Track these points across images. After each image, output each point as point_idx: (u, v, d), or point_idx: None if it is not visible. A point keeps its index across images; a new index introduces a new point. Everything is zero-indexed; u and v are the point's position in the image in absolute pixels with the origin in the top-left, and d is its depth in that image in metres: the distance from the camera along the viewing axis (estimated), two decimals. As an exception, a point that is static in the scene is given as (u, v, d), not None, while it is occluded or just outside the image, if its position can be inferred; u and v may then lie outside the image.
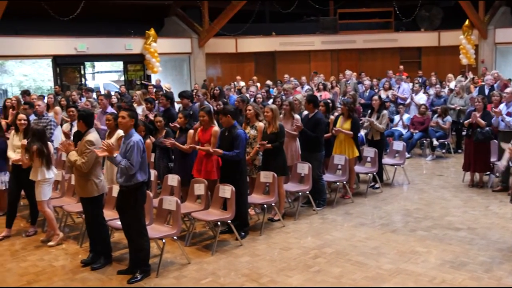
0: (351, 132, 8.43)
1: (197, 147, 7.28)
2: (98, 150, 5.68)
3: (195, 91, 13.08)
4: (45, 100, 11.23)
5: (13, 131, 7.53)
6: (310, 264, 6.01)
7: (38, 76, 25.14)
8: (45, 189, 6.91)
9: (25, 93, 12.65)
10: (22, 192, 7.57)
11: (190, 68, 21.06)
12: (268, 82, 16.48)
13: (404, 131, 12.23)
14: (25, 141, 6.89)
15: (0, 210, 8.34)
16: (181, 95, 9.52)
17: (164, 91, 13.77)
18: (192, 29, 21.02)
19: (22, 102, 10.88)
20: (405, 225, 7.29)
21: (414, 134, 11.90)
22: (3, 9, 14.19)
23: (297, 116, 8.34)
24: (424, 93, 13.82)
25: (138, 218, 5.70)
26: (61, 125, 9.84)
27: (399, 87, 14.06)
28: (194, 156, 7.55)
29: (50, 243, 6.94)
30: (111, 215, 6.47)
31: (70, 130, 8.59)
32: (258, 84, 16.70)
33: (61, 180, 7.92)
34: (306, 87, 14.80)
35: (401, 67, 18.39)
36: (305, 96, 9.33)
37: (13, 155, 7.27)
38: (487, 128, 8.78)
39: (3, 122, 9.06)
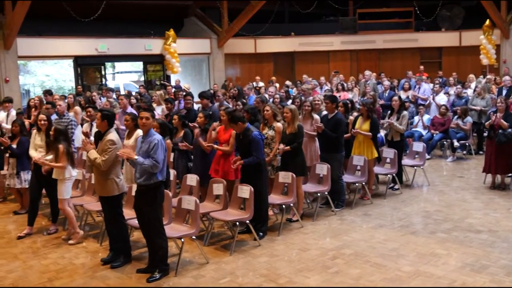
0: (369, 133, 8.38)
1: (215, 146, 7.33)
2: (120, 151, 5.74)
3: (212, 91, 13.12)
4: (66, 100, 11.37)
5: (35, 131, 7.65)
6: (328, 265, 5.99)
7: (59, 76, 25.47)
8: (68, 187, 7.02)
9: (47, 93, 12.79)
10: (43, 191, 7.68)
11: (209, 69, 21.14)
12: (288, 82, 16.46)
13: (424, 132, 12.12)
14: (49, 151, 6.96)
15: (22, 208, 8.49)
16: (201, 95, 9.57)
17: (183, 91, 13.83)
18: (211, 29, 21.10)
19: (45, 102, 11.03)
20: (424, 227, 7.23)
21: (434, 135, 11.78)
22: (26, 10, 14.40)
23: (316, 117, 8.33)
24: (444, 93, 13.68)
25: (156, 217, 5.74)
26: (82, 125, 9.95)
27: (419, 88, 13.93)
28: (213, 156, 7.59)
29: (70, 242, 7.03)
30: (130, 214, 6.52)
31: (90, 130, 8.68)
32: (277, 85, 16.69)
33: (81, 179, 8.02)
34: (325, 87, 14.75)
35: (421, 67, 18.24)
36: (325, 96, 9.29)
37: (35, 154, 7.38)
38: (510, 130, 8.65)
39: (26, 122, 9.20)
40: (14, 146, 8.24)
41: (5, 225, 8.03)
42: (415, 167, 9.59)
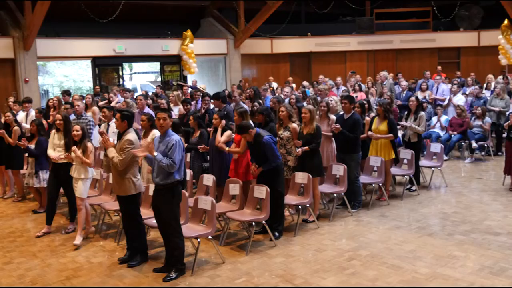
0: (391, 135, 8.35)
1: (226, 148, 7.35)
2: (138, 151, 5.78)
3: (226, 91, 13.14)
4: (84, 100, 11.47)
5: (54, 130, 7.73)
6: (344, 266, 5.97)
7: (78, 76, 25.72)
8: (86, 187, 7.10)
9: (66, 93, 12.94)
10: (61, 190, 7.77)
11: (226, 69, 21.19)
12: (305, 83, 16.41)
13: (442, 133, 12.01)
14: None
15: (41, 207, 8.59)
16: (214, 97, 9.61)
17: (200, 92, 13.88)
18: (228, 30, 21.15)
19: (63, 102, 11.15)
20: (442, 228, 7.16)
21: (452, 136, 11.67)
22: (45, 12, 14.58)
23: (333, 117, 8.31)
24: (462, 94, 13.55)
25: (174, 216, 5.77)
26: (99, 125, 10.04)
27: (437, 88, 13.81)
28: (230, 156, 7.61)
29: (75, 242, 7.01)
30: (147, 214, 6.57)
31: (107, 130, 8.76)
32: (294, 85, 16.66)
33: (99, 179, 8.09)
34: (342, 88, 14.69)
35: (439, 67, 18.06)
36: (342, 96, 9.26)
37: (53, 153, 7.46)
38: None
39: (44, 122, 9.31)
40: (32, 146, 8.35)
41: (24, 224, 8.14)
42: (433, 168, 9.51)
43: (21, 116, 10.80)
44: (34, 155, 8.30)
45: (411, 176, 8.90)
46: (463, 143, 11.87)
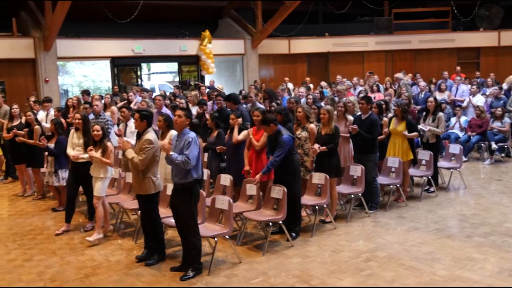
0: (415, 133, 8.31)
1: (250, 136, 7.34)
2: (160, 144, 5.86)
3: (243, 91, 13.17)
4: (102, 100, 11.59)
5: (73, 130, 7.82)
6: (361, 267, 5.95)
7: (96, 76, 26.00)
8: (105, 186, 7.17)
9: (85, 92, 13.08)
10: (80, 189, 7.85)
11: (243, 69, 21.21)
12: (323, 83, 16.35)
13: (461, 134, 11.89)
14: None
15: (60, 205, 8.70)
16: (225, 98, 9.66)
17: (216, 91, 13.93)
18: (245, 30, 21.17)
19: (82, 102, 11.27)
20: (461, 230, 7.09)
21: (471, 137, 11.55)
22: (65, 13, 14.75)
23: (350, 118, 8.28)
24: (482, 94, 13.40)
25: (191, 216, 5.80)
26: (118, 124, 10.13)
27: (457, 89, 13.68)
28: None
29: (89, 239, 7.09)
30: (165, 213, 6.61)
31: (125, 130, 8.84)
32: (311, 85, 16.61)
33: (117, 178, 8.17)
34: (359, 88, 14.62)
35: (458, 68, 17.87)
36: (359, 97, 9.23)
37: (72, 152, 7.55)
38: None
39: (63, 121, 9.43)
40: (52, 145, 8.45)
41: (44, 222, 8.25)
42: (451, 170, 9.42)
43: (41, 115, 10.95)
44: (54, 154, 8.40)
45: (430, 177, 8.83)
46: (482, 144, 11.74)
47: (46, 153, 8.78)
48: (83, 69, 25.93)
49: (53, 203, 9.15)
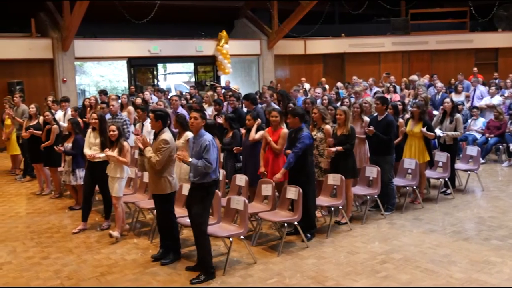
0: (432, 134, 8.24)
1: (269, 139, 7.33)
2: (176, 154, 5.87)
3: (258, 93, 13.16)
4: (119, 100, 11.66)
5: (90, 129, 7.89)
6: (377, 269, 5.91)
7: (113, 77, 26.17)
8: (122, 186, 7.23)
9: (103, 92, 13.17)
10: (97, 188, 7.92)
11: (259, 70, 21.23)
12: (339, 84, 16.29)
13: (478, 136, 11.77)
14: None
15: (77, 204, 8.78)
16: (244, 97, 9.66)
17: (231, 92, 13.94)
18: (261, 31, 21.19)
19: (99, 101, 11.36)
20: (478, 233, 7.02)
21: (489, 138, 11.42)
22: (83, 13, 14.89)
23: (366, 119, 8.24)
24: (500, 96, 13.24)
25: (203, 214, 5.79)
26: (135, 124, 10.18)
27: (474, 90, 13.53)
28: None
29: (115, 234, 7.18)
30: (180, 213, 6.64)
31: (141, 129, 8.89)
32: (327, 86, 16.55)
33: (133, 177, 8.22)
34: (375, 89, 14.53)
35: (475, 69, 17.69)
36: (376, 97, 9.17)
37: (89, 151, 7.62)
38: None
39: (80, 120, 9.51)
40: (69, 144, 8.51)
41: (61, 220, 8.33)
42: (469, 172, 9.32)
43: (59, 115, 11.06)
44: (71, 154, 8.48)
45: (447, 179, 8.75)
46: (500, 146, 11.61)
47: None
48: (100, 69, 26.11)
49: (70, 201, 9.24)
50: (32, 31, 16.51)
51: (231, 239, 6.13)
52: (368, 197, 7.85)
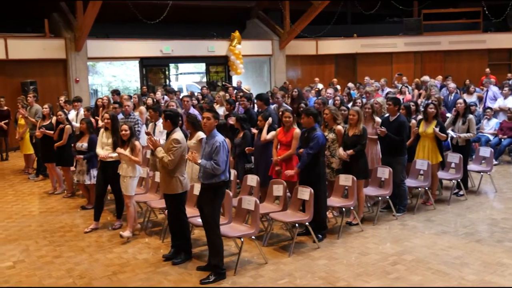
0: (444, 135, 8.19)
1: (278, 158, 7.33)
2: (187, 155, 5.89)
3: (269, 93, 13.14)
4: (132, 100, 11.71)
5: (102, 129, 7.94)
6: (388, 270, 5.89)
7: (125, 77, 26.28)
8: (134, 185, 7.26)
9: (115, 92, 13.24)
10: (109, 187, 7.96)
11: (271, 70, 21.22)
12: (350, 84, 16.24)
13: (492, 137, 11.67)
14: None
15: (89, 203, 8.83)
16: (257, 97, 9.65)
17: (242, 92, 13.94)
18: (273, 31, 21.19)
19: (112, 101, 11.42)
20: (491, 235, 6.96)
21: (502, 140, 11.33)
22: (96, 14, 14.98)
23: (378, 119, 8.21)
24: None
25: (214, 215, 5.79)
26: (146, 124, 10.23)
27: (487, 91, 13.42)
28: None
29: (123, 234, 7.22)
30: (192, 213, 6.66)
31: (153, 129, 8.93)
32: (338, 86, 16.50)
33: (145, 177, 8.26)
34: (387, 89, 14.47)
35: (487, 70, 17.54)
36: (388, 98, 9.13)
37: (102, 151, 7.67)
38: None
39: (92, 120, 9.57)
40: (84, 144, 8.54)
41: (74, 219, 8.39)
42: (482, 173, 9.25)
43: (72, 115, 11.13)
44: (89, 157, 8.47)
45: (459, 180, 8.69)
46: (514, 148, 11.52)
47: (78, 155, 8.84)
48: (112, 69, 26.24)
49: (82, 201, 9.30)
50: (46, 31, 16.65)
51: (242, 239, 6.14)
52: (380, 198, 7.82)
